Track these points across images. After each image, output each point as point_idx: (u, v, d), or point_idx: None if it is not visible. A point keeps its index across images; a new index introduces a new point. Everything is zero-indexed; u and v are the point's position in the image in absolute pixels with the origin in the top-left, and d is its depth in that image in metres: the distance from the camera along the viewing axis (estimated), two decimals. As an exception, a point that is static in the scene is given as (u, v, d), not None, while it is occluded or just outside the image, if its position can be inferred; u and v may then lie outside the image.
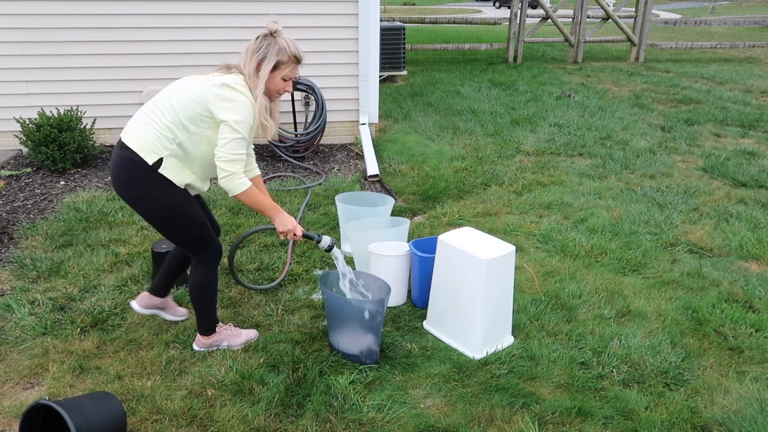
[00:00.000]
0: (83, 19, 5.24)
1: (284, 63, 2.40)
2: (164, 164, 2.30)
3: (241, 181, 2.33)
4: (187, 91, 2.33)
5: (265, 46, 2.37)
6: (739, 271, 3.56)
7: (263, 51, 2.36)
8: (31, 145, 4.88)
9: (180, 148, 2.31)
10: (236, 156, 2.29)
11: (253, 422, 2.28)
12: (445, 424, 2.30)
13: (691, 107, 7.94)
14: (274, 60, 2.36)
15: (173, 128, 2.29)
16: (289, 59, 2.40)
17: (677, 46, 13.18)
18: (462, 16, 16.67)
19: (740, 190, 4.89)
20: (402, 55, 9.52)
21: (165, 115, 2.30)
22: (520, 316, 3.00)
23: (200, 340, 2.69)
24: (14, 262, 3.47)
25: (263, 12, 5.53)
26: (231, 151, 2.27)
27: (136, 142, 2.30)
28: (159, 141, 2.29)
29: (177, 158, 2.33)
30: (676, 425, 2.31)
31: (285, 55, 2.38)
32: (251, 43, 2.40)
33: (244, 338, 2.75)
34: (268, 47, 2.37)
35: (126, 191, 2.36)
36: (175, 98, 2.32)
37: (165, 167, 2.31)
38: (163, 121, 2.30)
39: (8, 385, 2.49)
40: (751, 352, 2.77)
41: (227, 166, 2.28)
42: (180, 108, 2.29)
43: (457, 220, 4.19)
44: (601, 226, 4.10)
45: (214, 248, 2.55)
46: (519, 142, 6.19)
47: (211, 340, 2.69)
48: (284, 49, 2.37)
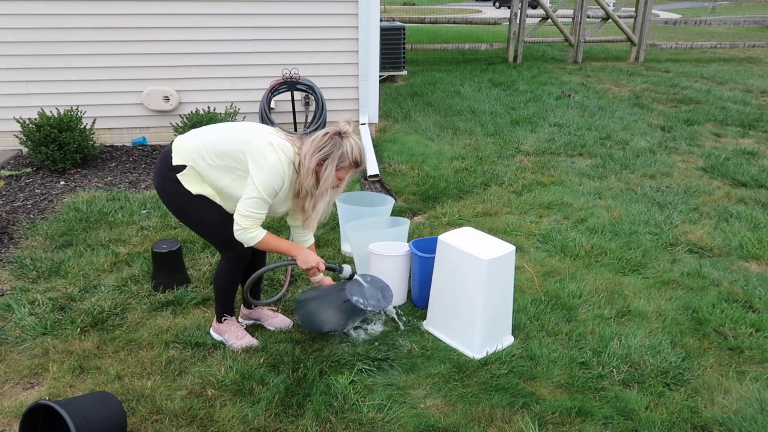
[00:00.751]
0: (83, 20, 5.24)
1: (344, 168, 2.42)
2: (185, 171, 2.41)
3: (253, 235, 2.40)
4: (242, 128, 2.43)
5: (330, 147, 2.37)
6: (739, 271, 3.56)
7: (326, 151, 2.36)
8: (31, 145, 4.88)
9: (207, 168, 2.39)
10: (252, 213, 2.35)
11: (253, 422, 2.28)
12: (445, 424, 2.30)
13: (691, 107, 7.94)
14: (336, 163, 2.37)
15: (209, 150, 2.38)
16: (350, 165, 2.42)
17: (677, 46, 13.18)
18: (462, 16, 16.66)
19: (740, 190, 4.89)
20: (402, 55, 9.52)
21: (212, 135, 2.42)
22: (520, 316, 3.00)
23: (214, 323, 2.81)
24: (14, 262, 3.47)
25: (263, 12, 5.53)
26: (248, 208, 2.34)
27: (177, 142, 2.47)
28: (192, 152, 2.41)
29: (200, 174, 2.42)
30: (676, 425, 2.31)
31: (346, 161, 2.40)
32: (319, 135, 2.40)
33: (244, 343, 2.75)
34: (333, 148, 2.37)
35: (154, 180, 2.54)
36: (231, 129, 2.44)
37: (184, 174, 2.41)
38: (206, 141, 2.41)
39: (8, 385, 2.49)
40: (751, 352, 2.77)
41: (241, 220, 2.36)
42: (226, 139, 2.39)
43: (457, 220, 4.19)
44: (601, 226, 4.10)
45: (236, 250, 2.55)
46: (519, 142, 6.19)
47: (218, 327, 2.79)
48: (347, 154, 2.38)
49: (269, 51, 5.63)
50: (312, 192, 2.41)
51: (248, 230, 2.38)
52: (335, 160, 2.36)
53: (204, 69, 5.60)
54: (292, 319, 2.96)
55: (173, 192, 2.45)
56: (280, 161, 2.32)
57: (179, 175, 2.41)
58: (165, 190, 2.48)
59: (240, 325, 2.85)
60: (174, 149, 2.44)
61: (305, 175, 2.38)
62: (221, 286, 2.70)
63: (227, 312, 2.77)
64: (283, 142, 2.37)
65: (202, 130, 2.50)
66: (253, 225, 2.38)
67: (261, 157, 2.31)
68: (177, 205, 2.50)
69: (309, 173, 2.37)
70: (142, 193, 4.57)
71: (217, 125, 2.51)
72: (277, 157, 2.31)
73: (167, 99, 5.58)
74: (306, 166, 2.36)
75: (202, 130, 2.50)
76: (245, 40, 5.57)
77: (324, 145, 2.36)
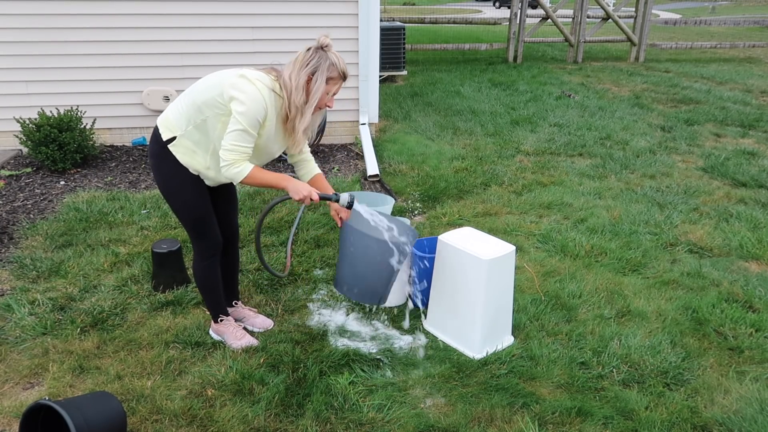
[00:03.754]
0: (83, 20, 5.24)
1: (333, 79, 2.37)
2: (176, 142, 2.38)
3: (239, 169, 2.31)
4: (211, 76, 2.38)
5: (316, 59, 2.32)
6: (739, 271, 3.56)
7: (314, 64, 2.32)
8: (31, 145, 4.88)
9: (196, 130, 2.36)
10: (236, 147, 2.28)
11: (253, 422, 2.28)
12: (445, 424, 2.30)
13: (691, 107, 7.94)
14: (325, 74, 2.33)
15: (190, 110, 2.35)
16: (338, 76, 2.37)
17: (677, 46, 13.18)
18: (462, 16, 16.66)
19: (740, 190, 4.89)
20: (402, 55, 9.52)
21: (187, 96, 2.38)
22: (520, 316, 3.00)
23: (212, 324, 2.81)
24: (14, 262, 3.47)
25: (263, 12, 5.53)
26: (231, 141, 2.28)
27: (160, 119, 2.44)
28: (176, 120, 2.38)
29: (191, 141, 2.38)
30: (676, 425, 2.31)
31: (335, 71, 2.35)
32: (300, 54, 2.35)
33: (243, 343, 2.75)
34: (319, 60, 2.32)
35: (149, 160, 2.51)
36: (200, 83, 2.38)
37: (175, 145, 2.38)
38: (184, 102, 2.38)
39: (8, 385, 2.49)
40: (751, 352, 2.77)
41: (225, 155, 2.29)
42: (200, 91, 2.34)
43: (457, 220, 4.19)
44: (601, 226, 4.10)
45: (209, 242, 2.59)
46: (519, 142, 6.19)
47: (216, 328, 2.79)
48: (335, 64, 2.34)
49: (269, 51, 5.63)
50: (302, 109, 2.35)
51: (234, 164, 2.30)
52: (324, 71, 2.32)
53: (204, 69, 5.48)
54: (274, 320, 2.96)
55: (166, 170, 2.43)
56: (259, 90, 2.26)
57: (170, 146, 2.39)
58: (160, 168, 2.45)
59: (238, 325, 2.85)
60: (160, 126, 2.43)
61: (296, 92, 2.31)
62: (203, 285, 2.71)
63: (220, 311, 2.78)
64: (257, 72, 2.32)
65: (176, 98, 2.47)
66: (238, 159, 2.29)
67: (238, 90, 2.25)
68: (167, 182, 2.46)
69: (299, 89, 2.31)
70: (142, 193, 4.57)
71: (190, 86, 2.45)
72: (254, 87, 2.26)
73: (167, 99, 5.58)
74: (294, 83, 2.30)
75: (177, 99, 2.46)
76: (245, 40, 5.57)
77: (310, 59, 2.31)
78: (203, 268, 2.65)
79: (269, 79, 2.33)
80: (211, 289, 2.72)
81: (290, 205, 4.27)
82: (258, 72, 2.33)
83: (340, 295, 3.22)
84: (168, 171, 2.44)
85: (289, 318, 3.01)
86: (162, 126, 2.42)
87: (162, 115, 2.46)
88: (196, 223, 2.54)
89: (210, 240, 2.59)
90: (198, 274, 2.68)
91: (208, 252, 2.62)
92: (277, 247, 3.75)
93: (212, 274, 2.67)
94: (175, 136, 2.38)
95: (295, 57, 2.36)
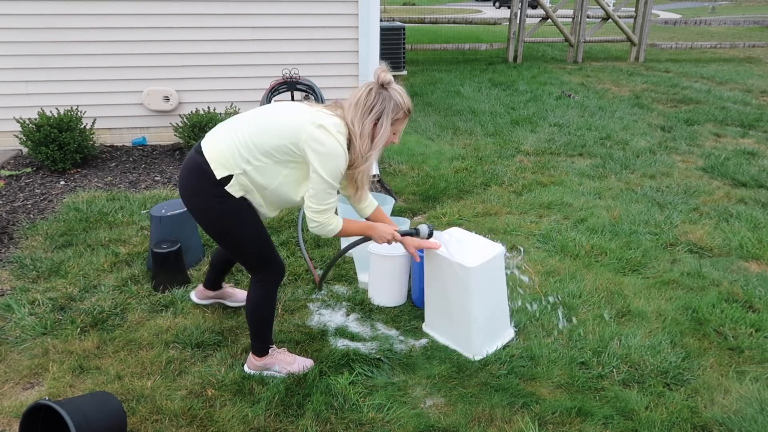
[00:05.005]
0: (83, 20, 5.23)
1: (399, 120, 2.24)
2: (232, 182, 2.16)
3: (333, 227, 2.25)
4: (282, 117, 2.18)
5: (380, 103, 2.16)
6: (739, 271, 3.55)
7: (378, 109, 2.16)
8: (31, 145, 4.88)
9: (256, 172, 2.16)
10: (326, 206, 2.18)
11: (253, 422, 2.28)
12: (445, 424, 2.30)
13: (691, 107, 7.94)
14: (390, 117, 2.18)
15: (254, 150, 2.14)
16: (405, 115, 2.24)
17: (677, 46, 13.18)
18: (462, 16, 16.66)
19: (740, 190, 4.89)
20: (402, 55, 9.52)
21: (251, 135, 2.15)
22: (520, 316, 3.00)
23: (252, 361, 2.54)
24: (14, 262, 3.47)
25: (263, 12, 5.53)
26: (320, 202, 2.16)
27: (211, 153, 2.17)
28: (233, 158, 2.14)
29: (248, 180, 2.18)
30: (676, 425, 2.31)
31: (401, 112, 2.21)
32: (361, 95, 2.17)
33: (298, 366, 2.56)
34: (384, 103, 2.17)
35: (188, 199, 2.27)
36: (268, 120, 2.19)
37: (232, 185, 2.17)
38: (245, 139, 2.15)
39: (8, 385, 2.49)
40: (751, 352, 2.77)
41: (317, 216, 2.19)
42: (271, 135, 2.14)
43: (457, 220, 4.19)
44: (601, 226, 4.10)
45: (275, 270, 2.42)
46: (519, 142, 6.19)
47: (262, 362, 2.53)
48: (400, 104, 2.19)
49: (269, 51, 5.63)
50: (366, 156, 2.19)
51: (327, 224, 2.21)
52: (389, 114, 2.17)
53: (204, 69, 5.60)
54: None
55: (222, 211, 2.20)
56: (340, 144, 2.11)
57: (227, 188, 2.15)
58: (208, 208, 2.21)
59: (284, 349, 2.62)
60: (212, 161, 2.14)
61: (361, 141, 2.15)
62: (261, 317, 2.45)
63: (270, 342, 2.54)
64: (332, 119, 2.15)
65: (230, 127, 2.21)
66: (329, 218, 2.21)
67: (318, 144, 2.09)
68: (224, 224, 2.25)
69: (365, 138, 2.16)
70: (142, 193, 4.56)
71: (244, 117, 2.24)
72: (335, 141, 2.11)
73: (167, 99, 5.58)
74: (358, 131, 2.14)
75: (231, 128, 2.20)
76: (245, 40, 5.57)
77: (374, 104, 2.15)
78: (266, 297, 2.42)
79: (342, 125, 2.17)
80: (267, 319, 2.48)
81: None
82: (333, 118, 2.16)
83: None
84: (221, 209, 2.20)
85: (289, 318, 3.00)
86: (214, 161, 2.14)
87: (211, 147, 2.18)
88: (263, 250, 2.35)
89: (276, 266, 2.41)
90: (258, 304, 2.42)
91: (273, 280, 2.43)
92: (278, 246, 3.75)
93: (272, 304, 2.47)
94: (232, 175, 2.15)
95: (354, 99, 2.18)
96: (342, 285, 3.32)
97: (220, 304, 3.06)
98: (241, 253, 2.39)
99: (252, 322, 2.48)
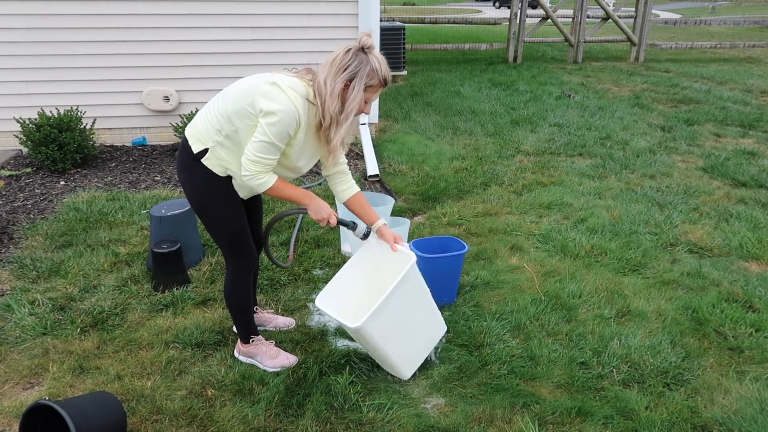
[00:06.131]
0: (83, 20, 5.24)
1: (373, 87, 2.16)
2: (208, 155, 2.23)
3: (262, 181, 2.19)
4: (242, 82, 2.21)
5: (355, 64, 2.10)
6: (739, 271, 3.55)
7: (352, 69, 2.09)
8: (31, 145, 4.88)
9: (228, 140, 2.20)
10: (259, 158, 2.14)
11: (253, 422, 2.28)
12: (445, 424, 2.30)
13: (691, 107, 7.94)
14: (364, 82, 2.11)
15: (221, 120, 2.19)
16: (379, 83, 2.16)
17: (677, 46, 13.18)
18: (462, 16, 16.67)
19: (740, 190, 4.89)
20: (402, 55, 9.52)
21: (216, 106, 2.23)
22: (520, 316, 3.00)
23: (239, 346, 2.66)
24: (14, 262, 3.47)
25: (264, 12, 5.53)
26: (256, 152, 2.12)
27: (189, 130, 2.30)
28: (206, 131, 2.23)
29: (223, 151, 2.22)
30: (676, 425, 2.31)
31: (376, 78, 2.14)
32: (338, 56, 2.11)
33: (280, 363, 2.60)
34: (359, 66, 2.10)
35: (179, 174, 2.36)
36: (229, 90, 2.23)
37: (208, 158, 2.24)
38: (213, 112, 2.23)
39: (8, 385, 2.49)
40: (751, 352, 2.77)
41: (248, 165, 2.15)
42: (230, 99, 2.19)
43: (457, 220, 4.20)
44: (601, 226, 4.10)
45: (246, 260, 2.45)
46: (519, 142, 6.19)
47: (246, 349, 2.62)
48: (376, 70, 2.12)
49: (269, 51, 5.63)
50: (337, 118, 2.14)
51: (256, 176, 2.16)
52: (363, 78, 2.10)
53: (204, 69, 5.60)
54: (294, 318, 2.96)
55: (198, 183, 2.28)
56: (291, 100, 2.07)
57: (203, 160, 2.23)
58: (191, 182, 2.30)
59: (271, 342, 2.68)
60: (189, 138, 2.27)
61: (330, 100, 2.09)
62: (236, 305, 2.55)
63: (251, 332, 2.61)
64: (290, 79, 2.12)
65: (205, 106, 2.31)
66: (261, 171, 2.16)
67: (268, 99, 2.07)
68: (200, 197, 2.32)
69: (335, 97, 2.09)
70: (142, 193, 4.56)
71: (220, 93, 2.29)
72: (286, 96, 2.06)
73: (167, 99, 5.58)
74: (329, 89, 2.08)
75: (206, 107, 2.31)
76: (245, 40, 5.57)
77: (348, 63, 2.08)
78: (238, 287, 2.49)
79: (302, 85, 2.14)
80: (244, 309, 2.57)
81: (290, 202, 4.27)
82: (291, 78, 2.14)
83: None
84: (200, 185, 2.28)
85: (289, 318, 3.00)
86: (191, 137, 2.26)
87: (190, 124, 2.30)
88: (232, 238, 2.38)
89: (246, 257, 2.45)
90: (231, 293, 2.51)
91: (244, 270, 2.47)
92: (278, 246, 3.75)
93: (246, 293, 2.53)
94: (207, 148, 2.22)
95: (331, 57, 2.13)
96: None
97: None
98: (214, 235, 2.42)
99: (230, 310, 2.60)
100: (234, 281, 2.49)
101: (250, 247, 2.46)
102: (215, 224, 2.38)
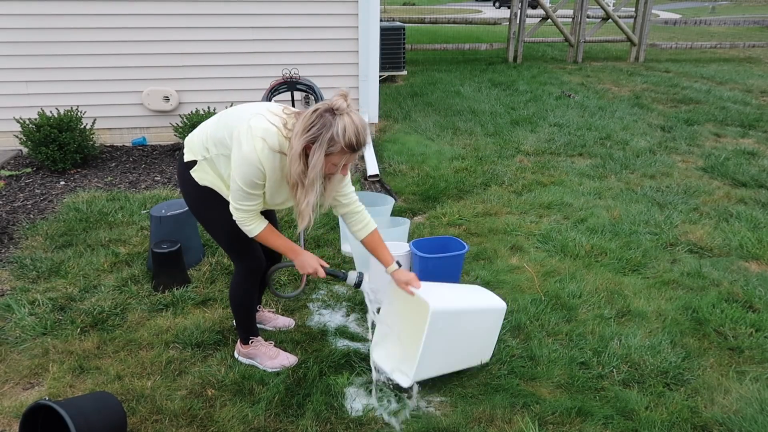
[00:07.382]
0: (83, 20, 5.24)
1: (334, 155, 2.00)
2: (196, 167, 2.27)
3: (250, 228, 2.22)
4: (236, 110, 2.21)
5: (318, 127, 1.95)
6: (739, 271, 3.55)
7: (314, 133, 1.96)
8: (31, 145, 4.88)
9: (215, 159, 2.23)
10: (241, 206, 2.16)
11: (253, 422, 2.28)
12: (445, 424, 2.30)
13: (691, 107, 7.94)
14: (324, 148, 1.96)
15: (208, 140, 2.23)
16: (342, 150, 1.98)
17: (677, 46, 13.18)
18: (462, 16, 16.66)
19: (740, 190, 4.89)
20: (402, 55, 9.52)
21: (210, 125, 2.26)
22: (520, 316, 3.00)
23: (239, 347, 2.66)
24: (14, 262, 3.47)
25: (264, 12, 5.53)
26: (236, 201, 2.16)
27: (187, 139, 2.35)
28: (198, 145, 2.27)
29: (210, 166, 2.26)
30: (676, 425, 2.31)
31: (337, 146, 1.97)
32: (308, 114, 1.99)
33: (280, 363, 2.60)
34: (321, 129, 1.95)
35: (178, 181, 2.41)
36: (224, 114, 2.26)
37: (196, 170, 2.27)
38: (208, 130, 2.25)
39: (8, 385, 2.49)
40: (751, 352, 2.77)
41: (234, 212, 2.20)
42: (220, 125, 2.20)
43: (457, 220, 4.20)
44: (601, 226, 4.10)
45: (249, 263, 2.45)
46: (519, 142, 6.19)
47: (246, 350, 2.63)
48: (335, 137, 1.94)
49: (269, 51, 5.63)
50: (301, 180, 2.03)
51: (244, 222, 2.20)
52: (324, 144, 1.95)
53: (204, 69, 5.60)
54: (294, 318, 2.96)
55: (191, 190, 2.32)
56: (255, 150, 2.01)
57: (191, 171, 2.27)
58: (185, 188, 2.35)
59: (270, 343, 2.68)
60: (185, 146, 2.32)
61: (291, 160, 2.00)
62: (239, 304, 2.56)
63: (251, 333, 2.62)
64: (266, 126, 2.04)
65: (208, 119, 2.33)
66: (246, 218, 2.19)
67: (237, 143, 2.05)
68: (194, 203, 2.36)
69: (295, 158, 1.99)
70: (142, 193, 4.56)
71: (222, 111, 2.31)
72: (252, 146, 2.01)
73: (167, 99, 5.58)
74: (293, 149, 1.98)
75: (207, 120, 2.33)
76: (245, 40, 5.57)
77: (312, 125, 1.96)
78: (242, 286, 2.49)
79: (276, 135, 2.04)
80: (247, 310, 2.58)
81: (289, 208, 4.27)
82: (267, 125, 2.05)
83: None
84: (192, 191, 2.32)
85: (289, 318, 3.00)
86: (186, 146, 2.32)
87: (188, 137, 2.34)
88: (231, 240, 2.37)
89: (251, 259, 2.43)
90: (236, 293, 2.52)
91: (250, 272, 2.47)
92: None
93: (251, 293, 2.54)
94: (196, 160, 2.27)
95: (305, 113, 2.02)
96: (342, 285, 3.32)
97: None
98: (215, 238, 2.45)
99: (233, 310, 2.61)
100: (240, 282, 2.50)
101: (254, 249, 2.44)
102: (212, 227, 2.41)
